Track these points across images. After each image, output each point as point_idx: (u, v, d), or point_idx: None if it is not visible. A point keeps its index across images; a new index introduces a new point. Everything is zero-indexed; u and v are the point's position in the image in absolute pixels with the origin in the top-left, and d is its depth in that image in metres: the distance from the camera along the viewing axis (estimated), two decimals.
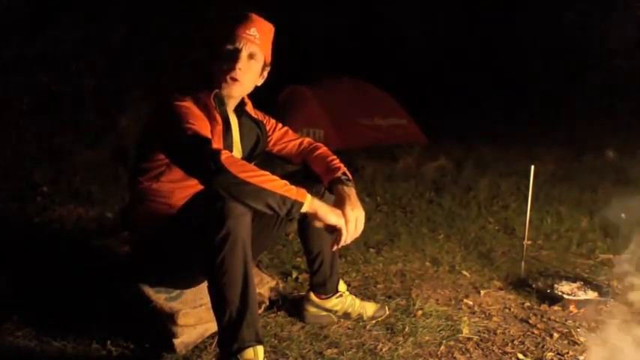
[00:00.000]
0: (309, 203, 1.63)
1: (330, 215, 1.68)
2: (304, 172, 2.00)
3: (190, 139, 1.62)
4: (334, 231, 1.71)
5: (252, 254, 1.70)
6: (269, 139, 2.07)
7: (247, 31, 1.79)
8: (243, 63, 1.78)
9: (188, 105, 1.75)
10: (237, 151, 1.92)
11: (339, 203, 1.76)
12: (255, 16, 1.84)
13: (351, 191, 1.82)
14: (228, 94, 1.83)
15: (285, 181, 1.61)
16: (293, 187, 1.61)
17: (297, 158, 2.06)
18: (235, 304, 1.60)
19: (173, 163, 1.75)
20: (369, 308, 2.20)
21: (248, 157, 1.94)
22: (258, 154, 2.00)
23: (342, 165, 1.96)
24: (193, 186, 1.78)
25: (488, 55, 8.85)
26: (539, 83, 8.36)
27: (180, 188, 1.81)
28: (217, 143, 1.71)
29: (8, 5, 5.06)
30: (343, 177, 1.89)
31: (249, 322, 1.60)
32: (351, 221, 1.71)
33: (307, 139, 2.11)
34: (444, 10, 9.29)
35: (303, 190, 1.63)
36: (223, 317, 1.61)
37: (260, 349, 1.62)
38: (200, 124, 1.69)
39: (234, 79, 1.79)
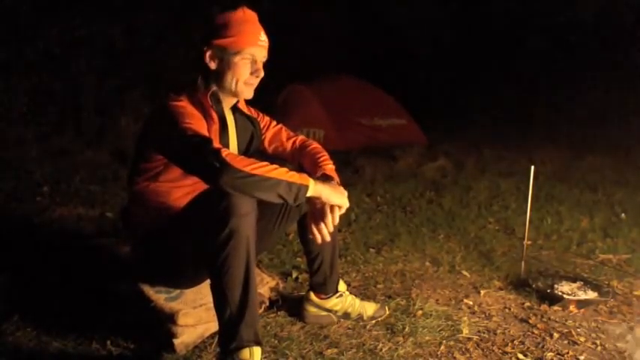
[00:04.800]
0: (313, 186, 1.66)
1: (333, 196, 1.71)
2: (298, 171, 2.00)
3: (190, 139, 1.63)
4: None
5: None
6: (263, 136, 2.07)
7: (259, 38, 1.81)
8: (261, 71, 1.83)
9: (184, 104, 1.76)
10: (234, 149, 1.93)
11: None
12: (255, 17, 1.84)
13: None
14: (244, 98, 1.88)
15: (286, 168, 1.63)
16: (295, 172, 1.65)
17: (292, 159, 2.04)
18: (236, 304, 1.60)
19: (174, 164, 1.75)
20: (369, 308, 2.20)
21: (244, 154, 1.94)
22: (254, 150, 2.00)
23: (328, 163, 1.96)
24: (190, 185, 1.78)
25: (489, 55, 8.85)
26: (540, 83, 8.35)
27: (177, 188, 1.81)
28: (215, 142, 1.71)
29: (8, 5, 5.06)
30: (322, 177, 1.86)
31: (248, 322, 1.61)
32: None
33: (301, 137, 2.10)
34: (444, 9, 9.28)
35: (305, 175, 1.67)
36: (223, 315, 1.62)
37: (257, 350, 1.62)
38: (197, 123, 1.70)
39: (252, 85, 1.84)
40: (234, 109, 1.95)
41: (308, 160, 1.99)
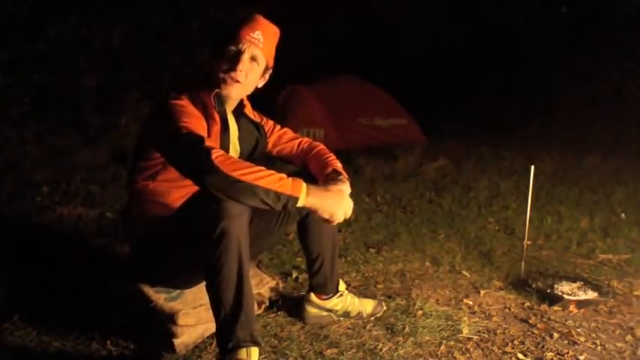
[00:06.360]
0: (304, 198, 1.61)
1: (327, 208, 1.69)
2: (303, 174, 2.00)
3: (183, 137, 1.61)
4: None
5: (252, 254, 1.70)
6: (267, 140, 2.06)
7: (252, 34, 1.79)
8: (244, 65, 1.78)
9: (184, 103, 1.75)
10: (235, 153, 1.91)
11: None
12: (261, 19, 1.84)
13: (339, 185, 1.80)
14: (227, 95, 1.82)
15: (280, 175, 1.59)
16: (289, 180, 1.60)
17: (297, 159, 2.05)
18: (230, 305, 1.61)
19: (168, 163, 1.75)
20: (367, 305, 2.20)
21: (247, 158, 1.93)
22: (258, 156, 1.99)
23: (336, 162, 1.96)
24: (190, 185, 1.77)
25: (489, 55, 8.85)
26: (540, 83, 8.36)
27: (176, 188, 1.81)
28: (214, 143, 1.70)
29: (9, 5, 5.06)
30: (333, 174, 1.88)
31: (243, 323, 1.61)
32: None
33: (306, 139, 2.11)
34: (444, 9, 9.29)
35: (298, 183, 1.61)
36: (219, 316, 1.63)
37: (254, 350, 1.62)
38: (195, 122, 1.69)
39: (234, 80, 1.79)
40: (241, 114, 1.94)
41: (315, 162, 1.98)
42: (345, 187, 1.81)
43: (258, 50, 1.80)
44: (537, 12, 8.78)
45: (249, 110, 1.98)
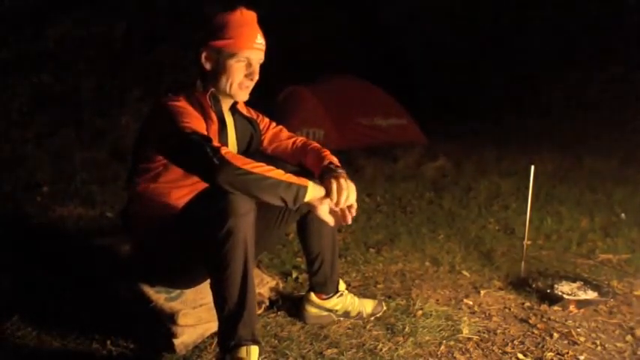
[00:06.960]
0: (312, 188, 1.67)
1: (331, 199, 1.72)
2: (302, 173, 2.00)
3: (189, 137, 1.63)
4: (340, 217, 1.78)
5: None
6: (263, 137, 2.07)
7: (255, 41, 1.80)
8: (256, 73, 1.83)
9: (182, 104, 1.76)
10: (233, 149, 1.93)
11: (327, 185, 1.75)
12: (253, 18, 1.83)
13: (339, 175, 1.81)
14: (240, 100, 1.88)
15: (282, 171, 1.64)
16: (292, 175, 1.65)
17: (293, 158, 2.04)
18: (233, 302, 1.61)
19: (173, 164, 1.75)
20: (367, 305, 2.21)
21: (243, 155, 1.94)
22: (253, 151, 2.00)
23: (332, 157, 1.96)
24: (189, 185, 1.78)
25: (489, 55, 8.86)
26: (540, 83, 8.36)
27: (176, 188, 1.81)
28: (214, 140, 1.72)
29: (8, 5, 5.06)
30: (331, 165, 1.88)
31: (245, 321, 1.61)
32: (341, 189, 1.73)
33: (301, 138, 2.10)
34: (444, 9, 9.29)
35: (303, 177, 1.67)
36: (222, 314, 1.64)
37: (254, 349, 1.63)
38: (196, 122, 1.70)
39: (248, 87, 1.84)
40: (234, 110, 1.95)
41: (311, 157, 1.98)
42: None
43: (262, 53, 1.84)
44: (538, 13, 8.77)
45: (241, 106, 1.99)
